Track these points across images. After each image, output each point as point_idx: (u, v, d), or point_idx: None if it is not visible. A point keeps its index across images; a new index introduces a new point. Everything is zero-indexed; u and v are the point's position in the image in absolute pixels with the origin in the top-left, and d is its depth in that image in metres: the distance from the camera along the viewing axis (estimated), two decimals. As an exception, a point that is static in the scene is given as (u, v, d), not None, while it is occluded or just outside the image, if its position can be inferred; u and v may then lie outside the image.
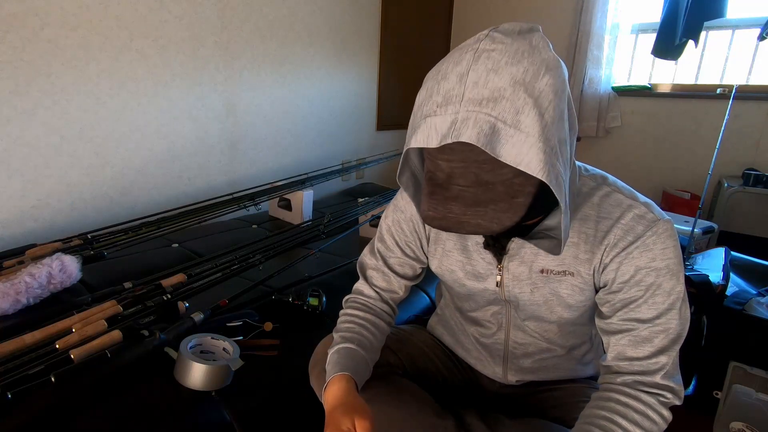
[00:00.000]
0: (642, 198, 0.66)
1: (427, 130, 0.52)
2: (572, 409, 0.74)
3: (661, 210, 0.65)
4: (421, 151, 0.64)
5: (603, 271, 0.66)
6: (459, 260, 0.76)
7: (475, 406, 0.78)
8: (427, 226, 0.79)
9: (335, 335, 0.77)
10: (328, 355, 0.73)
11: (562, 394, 0.79)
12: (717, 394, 1.25)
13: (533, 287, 0.70)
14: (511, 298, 0.73)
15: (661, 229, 0.62)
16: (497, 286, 0.73)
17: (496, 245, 0.71)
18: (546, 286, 0.70)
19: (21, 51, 1.44)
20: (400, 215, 0.80)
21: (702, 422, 1.19)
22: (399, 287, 0.83)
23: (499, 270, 0.72)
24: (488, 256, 0.72)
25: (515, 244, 0.70)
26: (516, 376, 0.82)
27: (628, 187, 0.68)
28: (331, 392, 0.66)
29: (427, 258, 0.82)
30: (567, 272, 0.68)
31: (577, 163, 0.67)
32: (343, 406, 0.63)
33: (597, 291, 0.69)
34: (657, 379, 0.61)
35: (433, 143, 0.51)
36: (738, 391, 1.17)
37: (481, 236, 0.72)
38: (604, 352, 0.67)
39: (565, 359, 0.80)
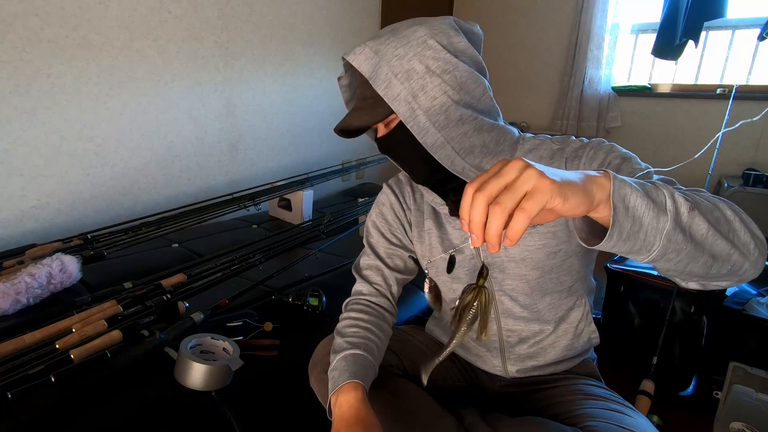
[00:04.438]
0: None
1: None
2: (571, 407, 0.74)
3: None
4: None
5: None
6: (437, 236, 0.80)
7: (476, 406, 0.78)
8: (407, 213, 0.84)
9: (340, 339, 0.75)
10: (334, 361, 0.71)
11: (561, 392, 0.79)
12: (717, 394, 1.25)
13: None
14: (489, 258, 0.75)
15: (596, 142, 0.73)
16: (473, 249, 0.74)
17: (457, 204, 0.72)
18: None
19: (21, 51, 1.44)
20: (381, 207, 0.86)
21: (702, 422, 1.19)
22: (393, 281, 0.84)
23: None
24: (458, 223, 0.74)
25: None
26: (515, 365, 0.82)
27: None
28: (345, 401, 0.64)
29: (413, 245, 0.85)
30: None
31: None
32: (358, 425, 0.61)
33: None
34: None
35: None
36: (738, 391, 1.17)
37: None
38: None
39: (560, 336, 0.81)
